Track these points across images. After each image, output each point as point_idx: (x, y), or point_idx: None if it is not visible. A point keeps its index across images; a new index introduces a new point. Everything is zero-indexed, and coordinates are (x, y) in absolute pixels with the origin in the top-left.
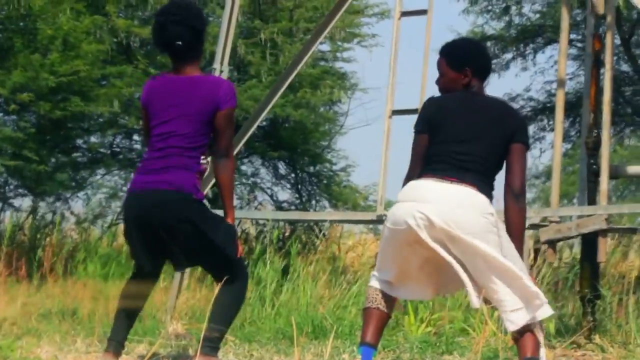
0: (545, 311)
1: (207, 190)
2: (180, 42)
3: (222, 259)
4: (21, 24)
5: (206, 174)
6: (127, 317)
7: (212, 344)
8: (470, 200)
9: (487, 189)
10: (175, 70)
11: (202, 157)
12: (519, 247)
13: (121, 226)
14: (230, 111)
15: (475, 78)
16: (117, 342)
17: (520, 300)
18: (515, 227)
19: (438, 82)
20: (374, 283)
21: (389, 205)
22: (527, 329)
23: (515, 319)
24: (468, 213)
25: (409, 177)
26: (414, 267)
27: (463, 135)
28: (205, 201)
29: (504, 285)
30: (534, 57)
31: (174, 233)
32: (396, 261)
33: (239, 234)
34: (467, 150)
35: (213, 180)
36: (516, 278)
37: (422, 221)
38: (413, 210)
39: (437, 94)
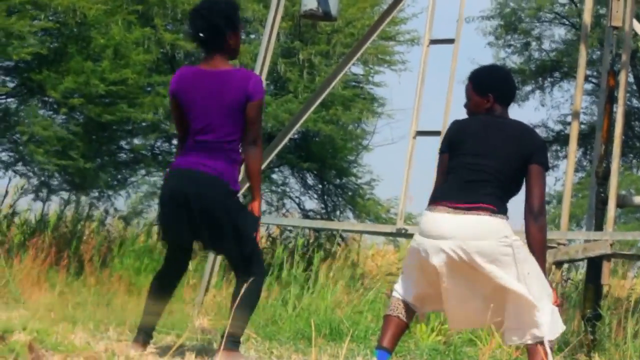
0: (549, 334)
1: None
2: (202, 34)
3: (243, 249)
4: (75, 30)
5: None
6: (156, 308)
7: (234, 338)
8: (484, 230)
9: (499, 204)
10: (205, 63)
11: (239, 147)
12: (541, 263)
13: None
14: (260, 102)
15: (498, 103)
16: (145, 332)
17: (524, 323)
18: (536, 245)
19: (466, 105)
20: (397, 294)
21: (408, 218)
22: (538, 342)
23: (515, 336)
24: (483, 242)
25: (433, 194)
26: (436, 292)
27: (479, 150)
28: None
29: (513, 308)
30: (551, 90)
31: (206, 213)
32: (418, 286)
33: (267, 237)
34: (482, 162)
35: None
36: (526, 305)
37: (443, 258)
38: (434, 248)
39: (460, 117)
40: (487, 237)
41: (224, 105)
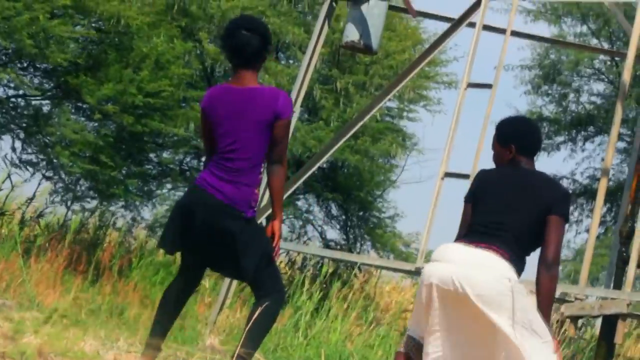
0: None
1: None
2: (248, 47)
3: (258, 273)
4: (116, 39)
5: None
6: (165, 321)
7: None
8: (489, 263)
9: (515, 259)
10: (235, 80)
11: (262, 167)
12: (547, 314)
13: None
14: (289, 120)
15: (521, 154)
16: (154, 346)
17: None
18: (544, 294)
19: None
20: (409, 331)
21: (429, 258)
22: None
23: None
24: (483, 275)
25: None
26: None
27: (499, 207)
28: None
29: (504, 354)
30: (584, 144)
31: (215, 240)
32: (423, 316)
33: (287, 262)
34: (501, 220)
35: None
36: (516, 353)
37: (438, 280)
38: (436, 270)
39: (490, 162)
40: (487, 270)
41: (252, 123)
